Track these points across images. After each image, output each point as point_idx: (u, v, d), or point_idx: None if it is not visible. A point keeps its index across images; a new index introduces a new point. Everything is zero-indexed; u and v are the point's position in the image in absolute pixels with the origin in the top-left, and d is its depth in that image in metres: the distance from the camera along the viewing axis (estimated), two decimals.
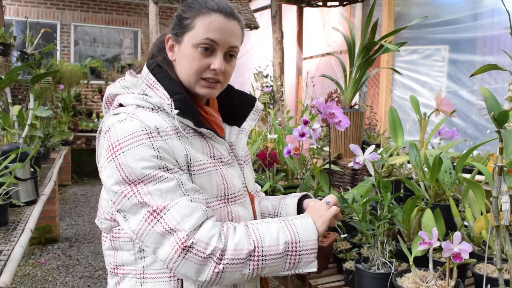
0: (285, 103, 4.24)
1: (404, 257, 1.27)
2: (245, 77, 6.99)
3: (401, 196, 1.81)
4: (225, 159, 1.11)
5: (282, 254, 1.01)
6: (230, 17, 1.07)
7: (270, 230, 1.02)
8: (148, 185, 0.95)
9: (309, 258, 1.04)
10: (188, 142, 1.04)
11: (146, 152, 0.96)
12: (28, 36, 5.54)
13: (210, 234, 0.94)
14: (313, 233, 1.06)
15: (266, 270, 1.00)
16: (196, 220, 0.95)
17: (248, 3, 3.83)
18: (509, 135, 0.89)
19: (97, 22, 8.22)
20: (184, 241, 0.92)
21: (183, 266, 0.94)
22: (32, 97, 2.63)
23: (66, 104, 7.16)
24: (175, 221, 0.93)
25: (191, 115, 1.04)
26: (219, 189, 1.06)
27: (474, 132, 3.57)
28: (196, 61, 1.05)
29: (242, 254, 0.96)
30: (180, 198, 0.96)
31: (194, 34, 1.05)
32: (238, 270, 0.96)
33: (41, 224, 4.08)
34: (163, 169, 0.97)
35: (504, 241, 0.99)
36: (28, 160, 2.12)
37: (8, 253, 1.53)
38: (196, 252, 0.93)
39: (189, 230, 0.93)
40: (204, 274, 0.94)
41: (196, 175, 1.02)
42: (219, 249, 0.94)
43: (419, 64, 4.18)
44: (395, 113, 1.74)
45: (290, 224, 1.05)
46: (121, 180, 0.96)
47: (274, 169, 2.10)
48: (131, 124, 0.99)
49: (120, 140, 0.97)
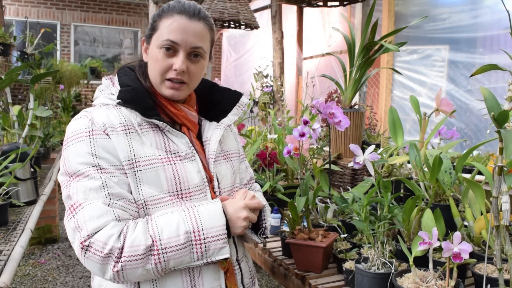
0: (285, 103, 4.24)
1: (404, 257, 1.27)
2: (244, 77, 7.00)
3: (401, 196, 1.81)
4: (182, 153, 1.11)
5: (184, 245, 1.00)
6: (193, 18, 1.09)
7: (169, 222, 1.01)
8: (78, 181, 1.01)
9: (217, 245, 1.02)
10: (137, 138, 1.07)
11: (83, 149, 1.02)
12: (28, 36, 5.53)
13: (109, 234, 0.97)
14: (220, 218, 1.04)
15: (171, 263, 1.00)
16: (102, 223, 0.97)
17: (248, 3, 3.82)
18: (509, 135, 0.89)
19: (97, 22, 8.22)
20: (84, 240, 0.96)
21: (88, 264, 0.98)
22: (32, 97, 2.62)
23: (66, 104, 7.16)
24: (82, 220, 0.98)
25: (138, 105, 1.08)
26: (170, 185, 1.06)
27: (474, 132, 3.57)
28: (159, 62, 1.10)
29: (139, 250, 0.97)
30: (98, 200, 0.99)
31: (158, 35, 1.10)
32: (139, 266, 0.97)
33: (41, 224, 4.08)
34: (95, 167, 1.01)
35: (504, 241, 0.99)
36: (28, 160, 2.12)
37: (8, 253, 1.53)
38: (95, 251, 0.96)
39: (91, 231, 0.97)
40: (107, 272, 0.98)
41: (142, 170, 1.04)
42: (117, 248, 0.96)
43: (419, 64, 4.18)
44: (395, 113, 1.74)
45: (194, 211, 1.04)
46: (63, 171, 1.05)
47: (274, 169, 2.10)
48: (78, 123, 1.06)
49: (68, 136, 1.06)
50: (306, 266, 1.51)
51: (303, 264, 1.52)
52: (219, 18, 3.52)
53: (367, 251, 1.33)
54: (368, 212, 1.34)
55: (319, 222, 1.71)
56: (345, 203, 1.47)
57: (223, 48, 8.16)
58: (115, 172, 1.02)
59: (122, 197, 1.02)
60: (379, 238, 1.29)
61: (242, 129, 3.01)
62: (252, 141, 2.64)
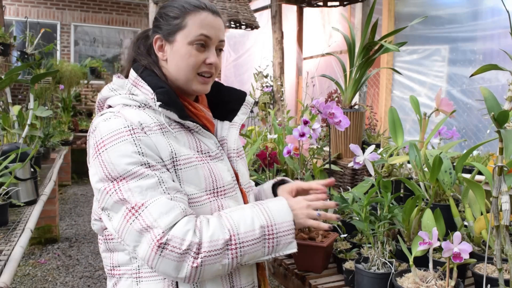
0: (285, 103, 4.24)
1: (404, 257, 1.27)
2: (244, 77, 7.00)
3: (401, 196, 1.81)
4: (213, 153, 1.13)
5: (259, 239, 1.01)
6: (215, 14, 1.13)
7: (244, 216, 1.02)
8: (129, 182, 0.96)
9: (287, 239, 1.04)
10: (173, 137, 1.06)
11: (128, 149, 0.98)
12: (28, 36, 5.53)
13: (185, 229, 0.95)
14: (288, 214, 1.05)
15: (246, 257, 1.00)
16: (173, 218, 0.95)
17: (248, 3, 3.82)
18: (509, 135, 0.89)
19: (97, 22, 8.22)
20: (160, 238, 0.93)
21: (161, 263, 0.94)
22: (32, 97, 2.63)
23: (66, 104, 7.16)
24: (152, 218, 0.94)
25: (175, 107, 1.07)
26: (207, 183, 1.07)
27: (474, 132, 3.57)
28: (193, 57, 1.10)
29: (218, 244, 0.96)
30: (160, 196, 0.96)
31: (187, 32, 1.10)
32: (217, 261, 0.96)
33: (41, 224, 4.08)
34: (144, 165, 0.98)
35: (504, 241, 0.99)
36: (28, 160, 2.12)
37: (8, 253, 1.53)
38: (172, 248, 0.93)
39: (165, 227, 0.94)
40: (184, 270, 0.95)
41: (183, 169, 1.04)
42: (195, 243, 0.94)
43: (419, 64, 4.18)
44: (395, 113, 1.74)
45: (264, 207, 1.05)
46: (104, 177, 0.98)
47: (274, 169, 2.10)
48: (114, 122, 1.01)
49: (104, 138, 1.00)
50: (306, 266, 1.51)
51: (303, 264, 1.52)
52: None
53: (367, 251, 1.33)
54: (368, 212, 1.34)
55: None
56: (345, 203, 1.46)
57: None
58: (162, 168, 1.01)
59: (178, 190, 1.01)
60: (379, 238, 1.29)
61: (242, 129, 3.01)
62: (252, 141, 2.64)
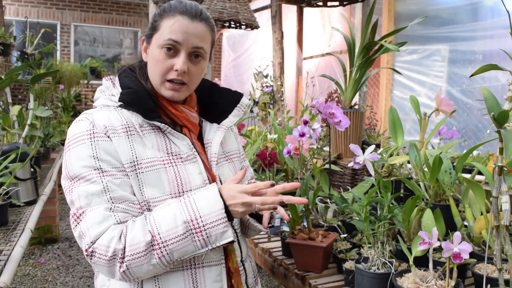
0: (285, 103, 4.24)
1: (404, 257, 1.27)
2: (244, 77, 7.00)
3: (401, 196, 1.81)
4: (184, 155, 1.11)
5: (185, 235, 1.00)
6: (195, 19, 1.09)
7: (166, 214, 1.01)
8: (80, 185, 1.01)
9: (218, 230, 1.01)
10: (139, 140, 1.07)
11: (85, 152, 1.02)
12: (28, 36, 5.53)
13: (110, 236, 0.98)
14: (217, 202, 1.02)
15: (176, 254, 1.00)
16: (104, 228, 0.99)
17: (247, 3, 3.82)
18: (509, 135, 0.89)
19: (97, 22, 8.22)
20: (88, 247, 0.99)
21: (97, 267, 1.00)
22: (32, 97, 2.63)
23: (66, 104, 7.15)
24: (85, 227, 0.99)
25: (139, 108, 1.08)
26: (172, 186, 1.06)
27: (474, 132, 3.57)
28: (160, 62, 1.09)
29: (140, 247, 0.98)
30: (101, 205, 1.00)
31: (159, 35, 1.09)
32: (144, 262, 0.98)
33: (41, 224, 4.08)
34: (96, 170, 1.01)
35: (504, 241, 0.99)
36: (28, 160, 2.12)
37: (8, 253, 1.53)
38: (100, 256, 0.98)
39: (94, 237, 0.98)
40: (116, 274, 0.99)
41: (144, 173, 1.04)
42: (119, 249, 0.97)
43: (419, 64, 4.18)
44: (395, 113, 1.74)
45: (190, 200, 1.03)
46: (65, 176, 1.05)
47: (274, 169, 2.10)
48: (80, 125, 1.06)
49: (69, 139, 1.06)
50: (306, 266, 1.51)
51: (303, 264, 1.52)
52: (218, 18, 3.52)
53: (367, 251, 1.33)
54: (368, 212, 1.34)
55: (319, 222, 1.71)
56: (345, 203, 1.47)
57: (223, 48, 8.16)
58: (117, 174, 1.02)
59: (124, 199, 1.02)
60: (379, 238, 1.29)
61: (242, 129, 3.01)
62: (252, 141, 2.65)
